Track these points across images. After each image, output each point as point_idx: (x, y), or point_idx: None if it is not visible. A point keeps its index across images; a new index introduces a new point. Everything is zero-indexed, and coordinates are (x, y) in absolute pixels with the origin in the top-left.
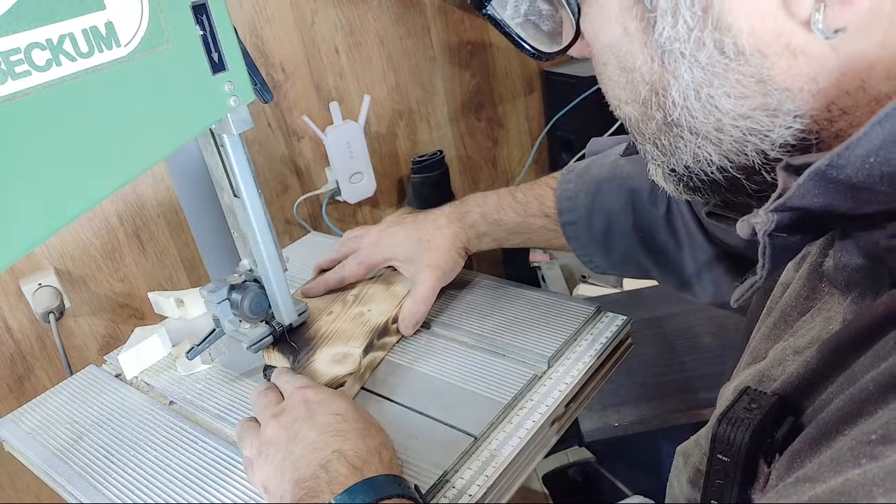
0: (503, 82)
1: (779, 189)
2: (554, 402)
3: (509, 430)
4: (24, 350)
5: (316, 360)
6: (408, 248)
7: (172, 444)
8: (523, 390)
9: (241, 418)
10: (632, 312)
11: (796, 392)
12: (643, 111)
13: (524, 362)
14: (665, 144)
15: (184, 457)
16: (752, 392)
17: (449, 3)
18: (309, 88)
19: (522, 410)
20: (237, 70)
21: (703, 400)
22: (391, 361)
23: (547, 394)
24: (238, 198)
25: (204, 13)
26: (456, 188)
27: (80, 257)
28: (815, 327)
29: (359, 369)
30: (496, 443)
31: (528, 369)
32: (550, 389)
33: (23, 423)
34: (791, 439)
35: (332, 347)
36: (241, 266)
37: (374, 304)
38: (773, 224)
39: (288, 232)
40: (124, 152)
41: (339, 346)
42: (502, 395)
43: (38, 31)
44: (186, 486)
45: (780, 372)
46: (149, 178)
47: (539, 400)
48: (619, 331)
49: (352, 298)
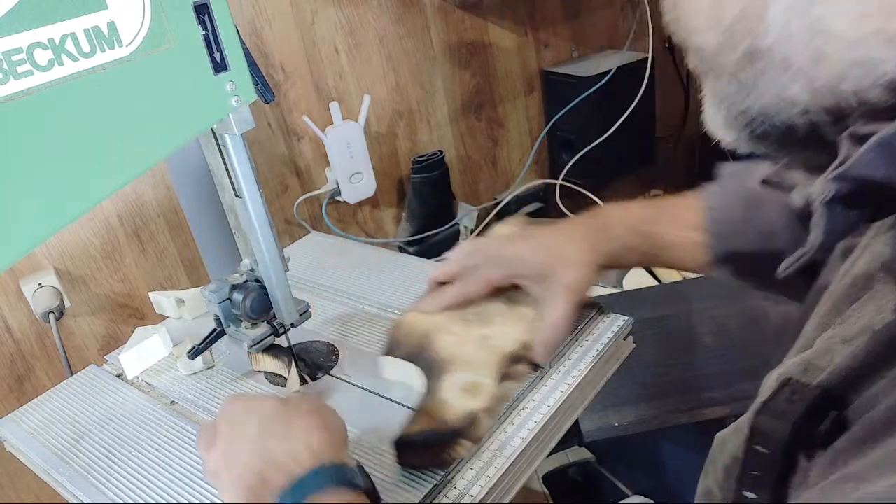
0: (503, 82)
1: (839, 157)
2: (555, 403)
3: (511, 431)
4: (24, 350)
5: (443, 390)
6: (537, 265)
7: (173, 445)
8: (525, 390)
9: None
10: (632, 312)
11: (842, 384)
12: (724, 40)
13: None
14: (744, 79)
15: (185, 457)
16: (794, 384)
17: (449, 3)
18: (309, 88)
19: (524, 411)
20: (239, 70)
21: (703, 400)
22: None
23: (548, 394)
24: (239, 198)
25: (206, 13)
26: (456, 188)
27: (80, 257)
28: (865, 315)
29: (493, 403)
30: (498, 443)
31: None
32: (552, 390)
33: (23, 423)
34: (834, 434)
35: (461, 375)
36: (241, 266)
37: (498, 325)
38: (831, 193)
39: (288, 232)
40: (125, 152)
41: (468, 374)
42: None
43: (40, 30)
44: (187, 486)
45: (828, 362)
46: (149, 178)
47: (541, 400)
48: (620, 331)
49: (473, 317)
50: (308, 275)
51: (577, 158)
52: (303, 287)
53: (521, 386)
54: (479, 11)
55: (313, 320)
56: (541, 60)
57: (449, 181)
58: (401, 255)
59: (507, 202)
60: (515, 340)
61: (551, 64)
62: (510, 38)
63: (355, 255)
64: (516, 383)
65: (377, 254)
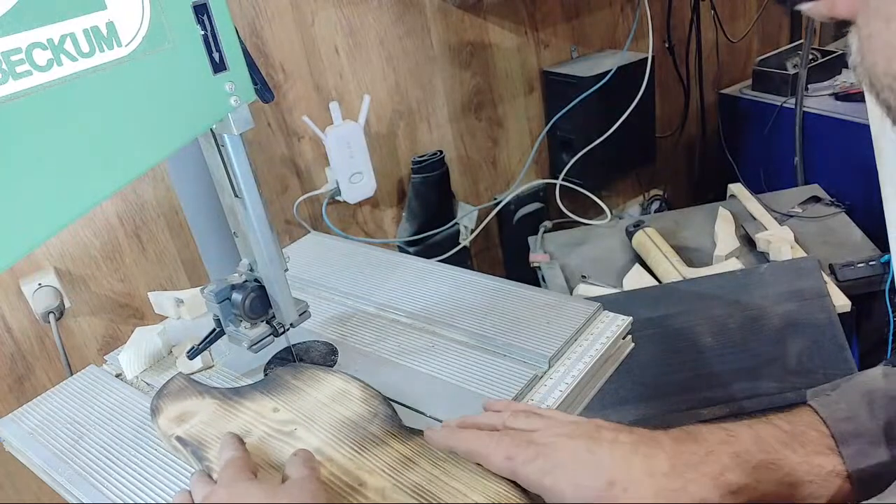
0: (503, 82)
1: None
2: (555, 403)
3: None
4: (24, 350)
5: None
6: (584, 495)
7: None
8: (524, 390)
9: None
10: (632, 312)
11: None
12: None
13: (524, 362)
14: None
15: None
16: None
17: (449, 3)
18: (309, 88)
19: None
20: (238, 70)
21: (703, 400)
22: (392, 361)
23: (548, 394)
24: (238, 198)
25: (205, 13)
26: (456, 188)
27: (80, 257)
28: None
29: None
30: None
31: (528, 369)
32: (551, 389)
33: (23, 423)
34: None
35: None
36: (241, 266)
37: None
38: None
39: (288, 232)
40: (125, 152)
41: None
42: (503, 395)
43: (40, 30)
44: (187, 486)
45: None
46: (149, 178)
47: (540, 400)
48: (619, 331)
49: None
50: (308, 275)
51: (577, 158)
52: (302, 287)
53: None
54: (479, 11)
55: (313, 320)
56: (541, 60)
57: (449, 181)
58: (401, 255)
59: (507, 202)
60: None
61: (551, 64)
62: (510, 38)
63: (355, 255)
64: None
65: (377, 254)
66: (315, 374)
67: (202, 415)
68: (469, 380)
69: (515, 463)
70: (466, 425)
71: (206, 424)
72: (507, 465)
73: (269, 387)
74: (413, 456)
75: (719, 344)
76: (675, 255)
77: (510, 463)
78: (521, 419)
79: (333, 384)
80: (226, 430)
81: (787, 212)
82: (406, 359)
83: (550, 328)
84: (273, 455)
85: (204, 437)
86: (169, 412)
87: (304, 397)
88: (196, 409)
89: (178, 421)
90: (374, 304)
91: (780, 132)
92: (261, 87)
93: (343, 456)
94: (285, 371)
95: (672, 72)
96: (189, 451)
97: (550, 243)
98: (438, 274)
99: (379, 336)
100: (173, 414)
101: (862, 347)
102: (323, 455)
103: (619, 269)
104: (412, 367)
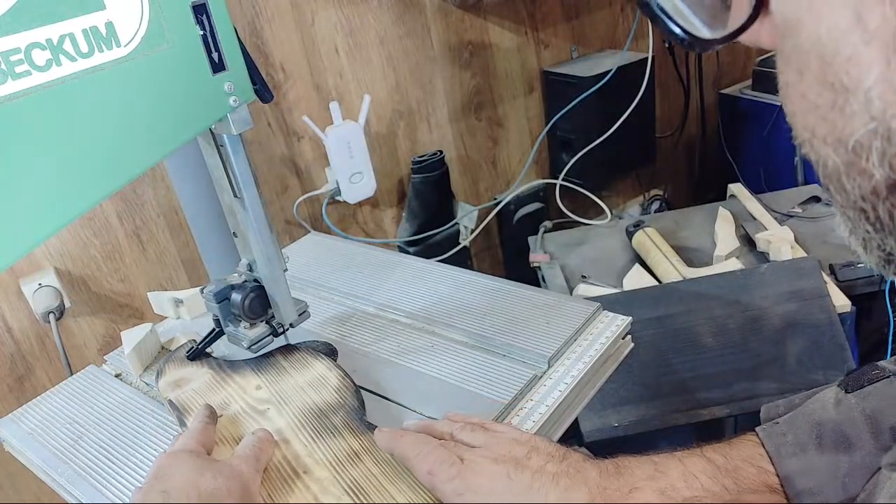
0: (503, 82)
1: None
2: (554, 402)
3: None
4: (24, 350)
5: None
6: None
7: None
8: (523, 390)
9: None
10: (632, 312)
11: None
12: (851, 161)
13: (524, 362)
14: (883, 218)
15: None
16: None
17: (449, 3)
18: (309, 88)
19: (523, 411)
20: (237, 70)
21: (703, 400)
22: (391, 361)
23: (547, 394)
24: (238, 198)
25: (204, 13)
26: (456, 188)
27: (80, 257)
28: None
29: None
30: None
31: (528, 369)
32: (551, 389)
33: (23, 423)
34: None
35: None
36: (241, 266)
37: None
38: None
39: (288, 232)
40: (124, 152)
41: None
42: (502, 395)
43: (39, 31)
44: None
45: None
46: (149, 178)
47: (539, 400)
48: (619, 331)
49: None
50: (307, 275)
51: (577, 158)
52: (302, 287)
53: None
54: (479, 11)
55: (312, 320)
56: (541, 60)
57: (449, 181)
58: (400, 255)
59: (507, 202)
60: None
61: (551, 64)
62: (510, 38)
63: (355, 255)
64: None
65: (377, 254)
66: (303, 358)
67: (195, 383)
68: (468, 380)
69: (435, 479)
70: (419, 430)
71: (196, 392)
72: (428, 480)
73: (261, 364)
74: (361, 452)
75: (719, 344)
76: (675, 255)
77: (430, 478)
78: (467, 433)
79: (315, 369)
80: (210, 400)
81: (787, 212)
82: (405, 359)
83: (550, 328)
84: (242, 431)
85: (189, 405)
86: (169, 376)
87: (287, 379)
88: (192, 377)
89: (175, 386)
90: (374, 304)
91: (780, 132)
92: (260, 87)
93: (299, 441)
94: (280, 351)
95: (672, 72)
96: (175, 415)
97: (550, 243)
98: (438, 274)
99: (378, 336)
100: (172, 378)
101: (862, 347)
102: (282, 437)
103: (619, 269)
104: (412, 367)
